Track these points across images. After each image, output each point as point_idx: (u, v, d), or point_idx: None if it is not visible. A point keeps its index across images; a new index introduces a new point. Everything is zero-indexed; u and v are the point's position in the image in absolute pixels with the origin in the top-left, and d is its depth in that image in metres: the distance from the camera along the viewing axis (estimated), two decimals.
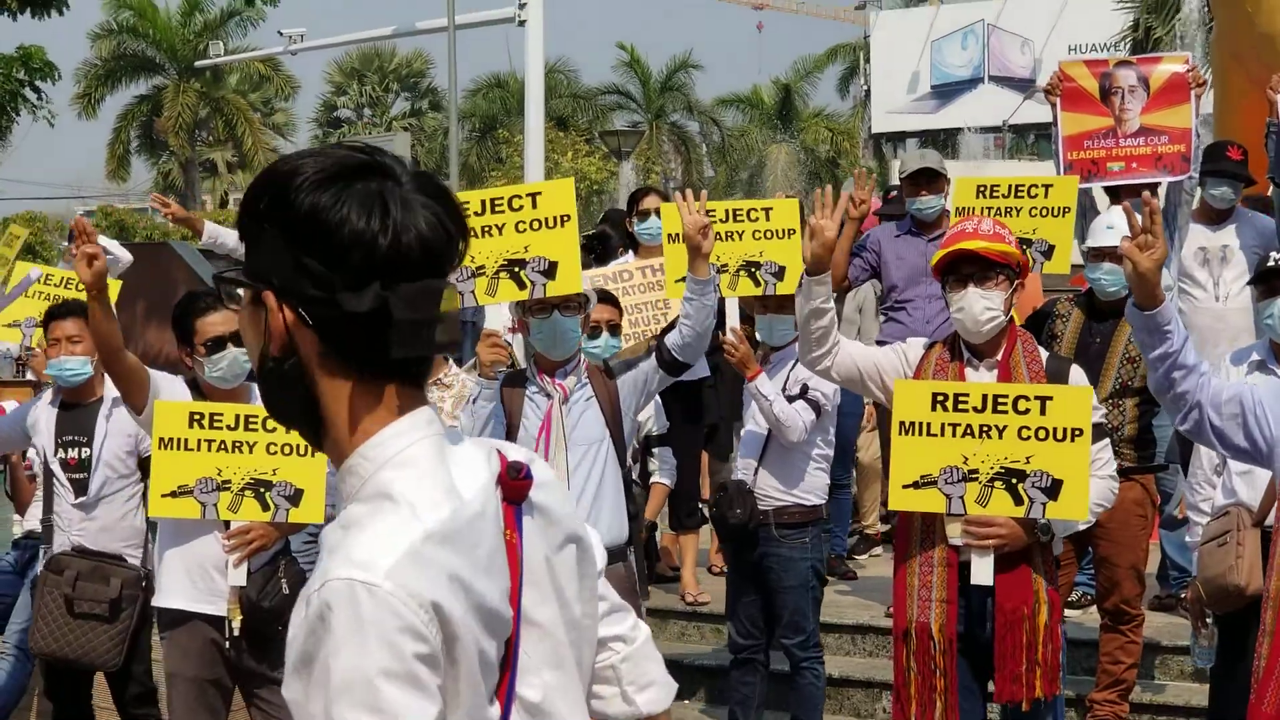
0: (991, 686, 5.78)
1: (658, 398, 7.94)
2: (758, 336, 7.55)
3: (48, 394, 7.25)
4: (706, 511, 8.33)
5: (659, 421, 8.13)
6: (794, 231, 7.21)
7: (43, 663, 7.11)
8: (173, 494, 5.93)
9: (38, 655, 7.14)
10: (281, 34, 28.99)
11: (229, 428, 5.94)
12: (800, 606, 7.28)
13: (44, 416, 7.10)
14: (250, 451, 5.93)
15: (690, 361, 6.39)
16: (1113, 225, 7.06)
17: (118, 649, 6.80)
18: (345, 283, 2.11)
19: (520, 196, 6.56)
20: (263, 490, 5.93)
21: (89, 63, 53.16)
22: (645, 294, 8.32)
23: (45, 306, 7.85)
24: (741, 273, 7.17)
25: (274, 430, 5.90)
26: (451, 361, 7.85)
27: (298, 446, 5.89)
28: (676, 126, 54.89)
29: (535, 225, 6.46)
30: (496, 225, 6.49)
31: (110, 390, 6.89)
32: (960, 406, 5.54)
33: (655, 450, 8.16)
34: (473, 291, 6.51)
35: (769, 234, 7.22)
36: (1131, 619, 7.50)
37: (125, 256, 10.06)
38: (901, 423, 5.62)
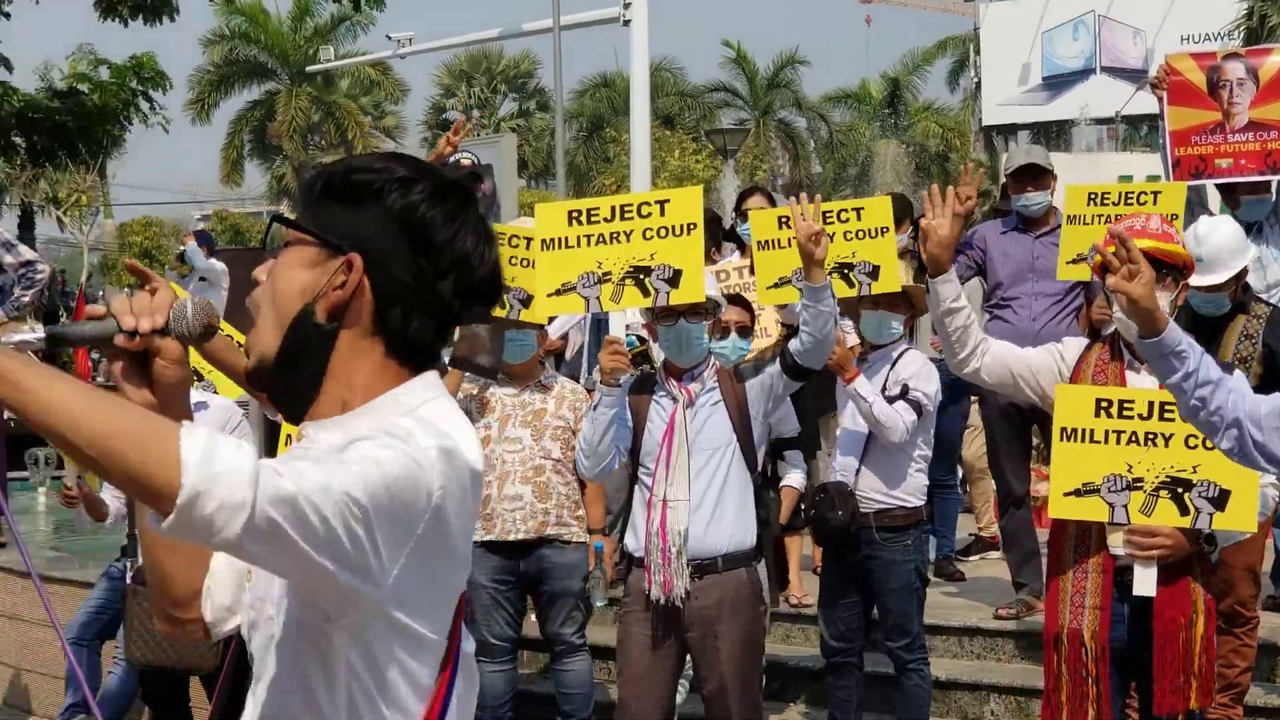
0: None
1: (790, 401, 7.90)
2: (861, 333, 7.49)
3: None
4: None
5: (789, 424, 8.07)
6: (887, 230, 7.13)
7: (140, 670, 7.17)
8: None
9: (134, 665, 7.20)
10: (390, 38, 29.10)
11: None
12: (905, 609, 7.22)
13: None
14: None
15: (814, 367, 6.38)
16: (1199, 238, 6.88)
17: (212, 651, 6.85)
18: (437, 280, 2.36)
19: (649, 203, 6.60)
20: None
21: (202, 69, 53.84)
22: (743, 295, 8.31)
23: None
24: (834, 275, 7.12)
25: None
26: (549, 364, 7.88)
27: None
28: (784, 123, 54.65)
29: (662, 233, 6.49)
30: (624, 232, 6.53)
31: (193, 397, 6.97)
32: (1125, 413, 5.39)
33: (786, 453, 8.10)
34: (598, 298, 6.55)
35: (861, 234, 7.14)
36: (1246, 621, 7.35)
37: (217, 268, 10.14)
38: (1063, 429, 5.49)
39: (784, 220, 7.21)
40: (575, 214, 6.69)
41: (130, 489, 2.02)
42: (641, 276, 6.47)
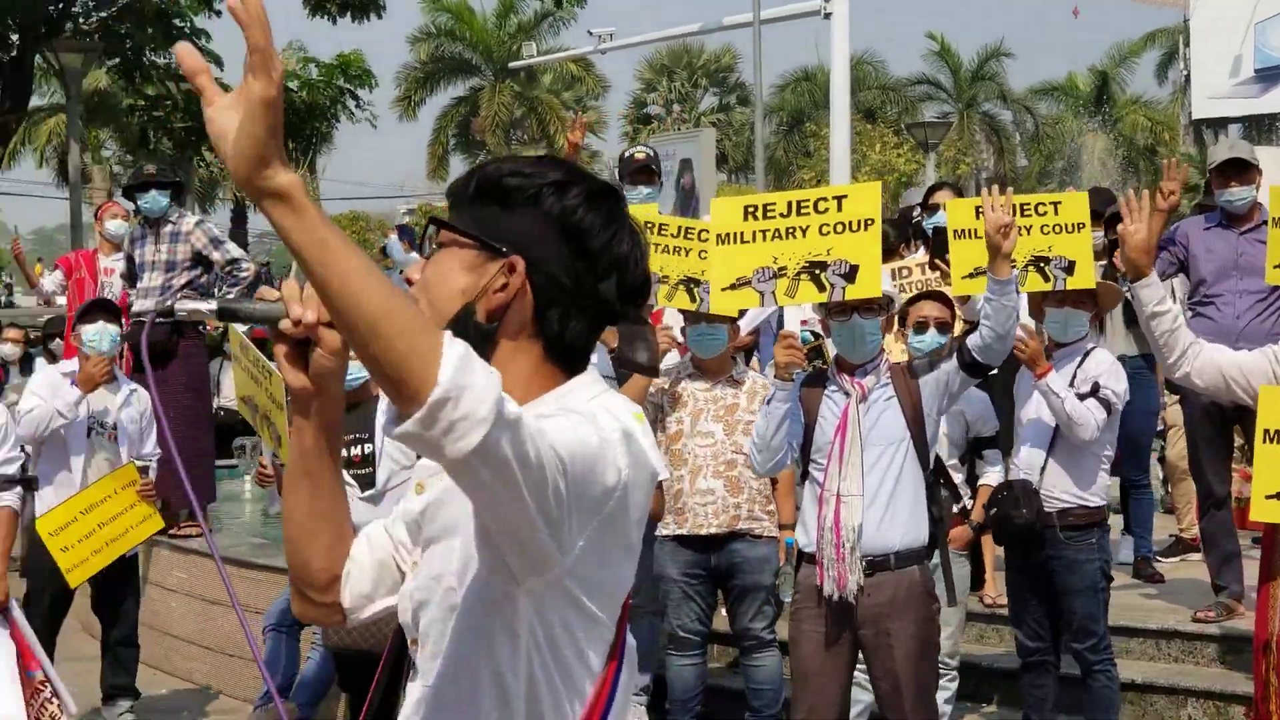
0: None
1: (987, 397, 7.82)
2: (1046, 331, 7.38)
3: None
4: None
5: (989, 423, 7.99)
6: (1083, 225, 7.01)
7: (336, 654, 7.29)
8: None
9: (330, 649, 7.33)
10: (591, 34, 29.36)
11: None
12: (1090, 610, 7.11)
13: None
14: None
15: (992, 364, 6.29)
16: None
17: None
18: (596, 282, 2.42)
19: (826, 199, 6.57)
20: None
21: (409, 66, 54.67)
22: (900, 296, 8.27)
23: None
24: (1030, 268, 7.01)
25: None
26: (740, 360, 7.88)
27: None
28: (988, 116, 53.96)
29: (839, 228, 6.45)
30: (801, 227, 6.51)
31: None
32: None
33: (984, 452, 8.02)
34: (773, 292, 6.54)
35: (1057, 228, 7.02)
36: None
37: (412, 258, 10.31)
38: (1266, 430, 5.36)
39: (981, 210, 7.15)
40: (751, 209, 6.67)
41: (384, 373, 2.00)
42: (817, 271, 6.43)
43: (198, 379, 11.03)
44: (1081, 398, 7.01)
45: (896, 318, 7.74)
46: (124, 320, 11.34)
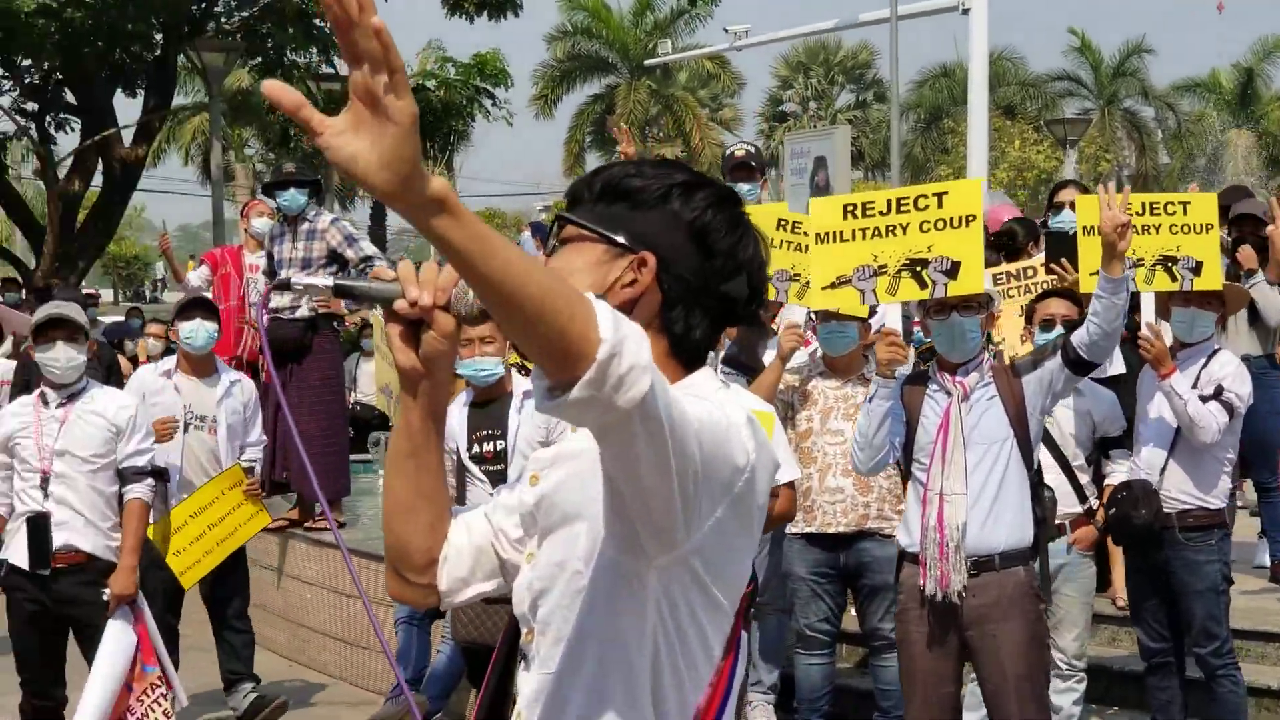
0: None
1: (1115, 396, 7.72)
2: (1171, 331, 7.28)
3: (460, 397, 7.46)
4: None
5: (1116, 423, 7.89)
6: (1211, 226, 6.94)
7: (465, 649, 7.32)
8: None
9: (459, 642, 7.36)
10: (727, 30, 29.35)
11: None
12: (1211, 612, 7.02)
13: (456, 417, 7.31)
14: None
15: (1097, 361, 6.21)
16: None
17: None
18: (721, 282, 2.47)
19: (926, 196, 6.56)
20: None
21: (545, 64, 54.98)
22: (1022, 297, 8.21)
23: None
24: (1158, 268, 6.91)
25: None
26: (871, 359, 7.82)
27: None
28: (1129, 113, 53.21)
29: (940, 225, 6.42)
30: (901, 225, 6.50)
31: (520, 385, 7.21)
32: None
33: (1111, 451, 7.93)
34: (874, 290, 6.52)
35: (1186, 228, 6.94)
36: None
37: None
38: None
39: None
40: (850, 208, 6.66)
41: (550, 349, 2.01)
42: (918, 269, 6.41)
43: (332, 374, 11.13)
44: (1205, 400, 6.93)
45: (1024, 316, 7.69)
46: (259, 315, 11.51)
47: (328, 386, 11.06)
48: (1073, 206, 8.29)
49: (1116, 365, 8.50)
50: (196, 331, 8.81)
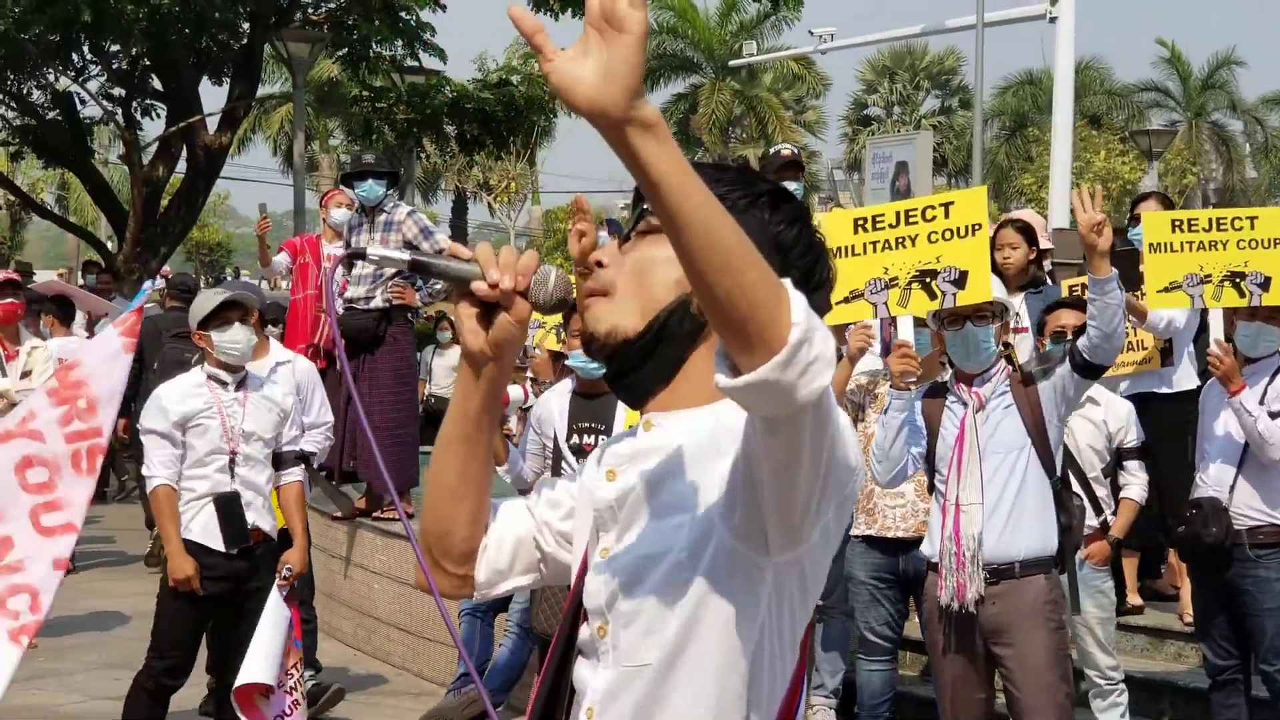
0: None
1: (1132, 407, 7.70)
2: (1237, 346, 7.21)
3: (562, 384, 7.49)
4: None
5: (1134, 433, 7.83)
6: (1278, 241, 6.90)
7: (540, 642, 7.33)
8: None
9: (539, 634, 7.37)
10: (812, 33, 29.29)
11: None
12: None
13: (557, 404, 7.37)
14: None
15: (1104, 363, 6.27)
16: None
17: None
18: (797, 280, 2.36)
19: (933, 207, 6.61)
20: None
21: None
22: None
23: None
24: (1225, 284, 6.87)
25: None
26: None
27: None
28: (1217, 125, 52.73)
29: (947, 235, 6.48)
30: (910, 236, 6.56)
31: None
32: None
33: (1127, 463, 7.86)
34: (885, 303, 6.55)
35: (1254, 243, 6.89)
36: None
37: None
38: None
39: (1178, 224, 7.13)
40: (860, 221, 6.72)
41: (732, 312, 1.98)
42: (928, 280, 6.43)
43: (404, 365, 11.18)
44: (1273, 415, 6.86)
45: (1037, 327, 7.70)
46: (335, 306, 11.58)
47: (400, 378, 11.11)
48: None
49: (1189, 379, 8.43)
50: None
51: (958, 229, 6.46)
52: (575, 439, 7.25)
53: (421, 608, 10.35)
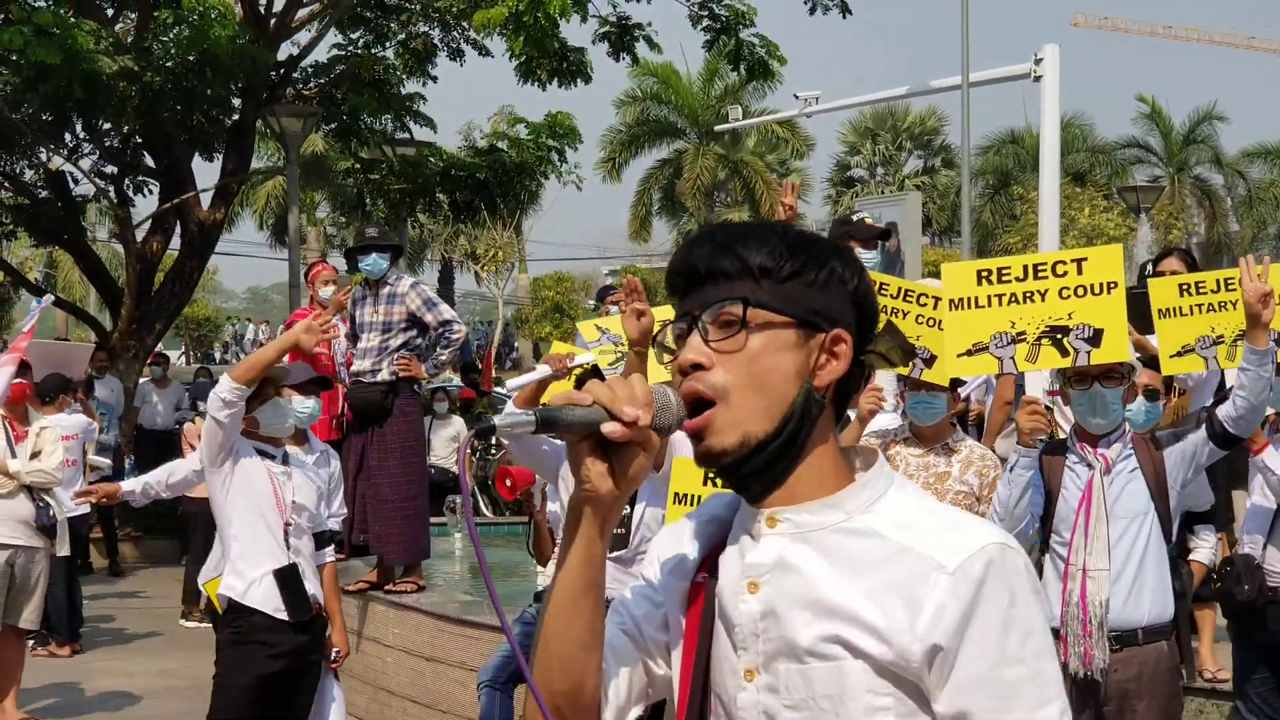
0: None
1: (1204, 472, 7.69)
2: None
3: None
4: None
5: (1204, 496, 7.82)
6: None
7: None
8: None
9: None
10: (798, 97, 29.39)
11: None
12: None
13: (565, 472, 7.39)
14: None
15: (1244, 435, 6.18)
16: None
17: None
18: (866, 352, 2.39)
19: (1065, 262, 6.50)
20: None
21: (614, 129, 55.32)
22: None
23: (605, 360, 8.10)
24: (1240, 343, 6.91)
25: None
26: (957, 427, 7.80)
27: None
28: (1200, 180, 53.02)
29: (1080, 291, 6.38)
30: (1039, 291, 6.45)
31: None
32: None
33: (1195, 527, 7.86)
34: (1013, 358, 6.47)
35: None
36: None
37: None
38: None
39: (1185, 287, 7.08)
40: (985, 273, 6.62)
41: None
42: (1059, 336, 6.35)
43: (412, 437, 11.21)
44: None
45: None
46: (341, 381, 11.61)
47: (408, 449, 11.13)
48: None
49: None
50: (311, 410, 8.63)
51: (1091, 286, 6.36)
52: None
53: (435, 681, 10.33)
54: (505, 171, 24.33)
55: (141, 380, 22.12)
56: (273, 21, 22.03)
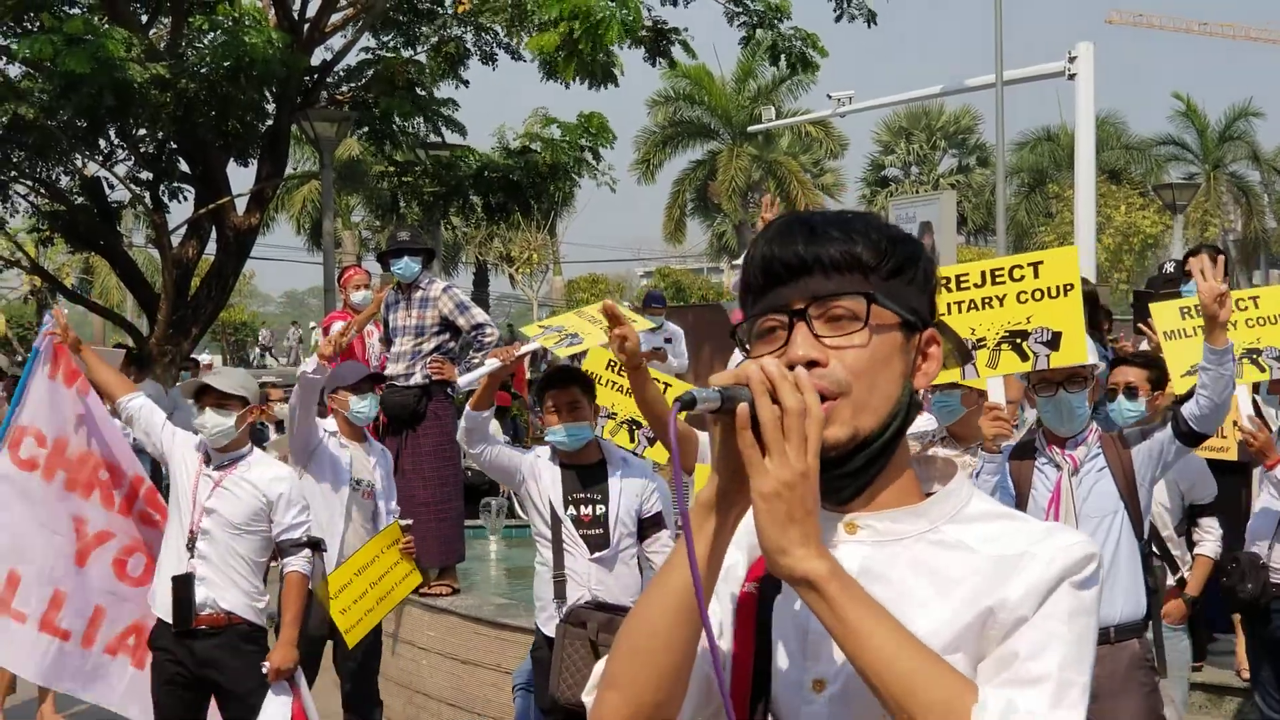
0: None
1: (1204, 463, 7.68)
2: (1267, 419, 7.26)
3: (542, 454, 7.52)
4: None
5: (1205, 489, 7.80)
6: None
7: (566, 712, 7.27)
8: None
9: (566, 705, 7.34)
10: (831, 97, 29.35)
11: None
12: None
13: (548, 474, 7.38)
14: None
15: (1208, 432, 6.18)
16: None
17: None
18: None
19: (1021, 266, 6.46)
20: None
21: (648, 130, 55.33)
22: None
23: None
24: (1245, 360, 6.91)
25: None
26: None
27: None
28: (1236, 177, 52.75)
29: (1037, 295, 6.34)
30: (998, 296, 6.42)
31: (615, 452, 7.46)
32: None
33: (1200, 520, 7.84)
34: (973, 364, 6.45)
35: (1262, 321, 6.96)
36: None
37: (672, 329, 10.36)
38: None
39: (1186, 311, 7.17)
40: (944, 281, 6.55)
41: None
42: (1018, 340, 6.32)
43: (446, 441, 11.20)
44: None
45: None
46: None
47: (441, 453, 11.14)
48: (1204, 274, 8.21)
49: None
50: (370, 406, 9.12)
51: (1049, 289, 6.32)
52: (573, 510, 7.31)
53: (469, 683, 10.33)
54: (538, 172, 24.34)
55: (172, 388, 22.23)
56: (306, 27, 22.10)
